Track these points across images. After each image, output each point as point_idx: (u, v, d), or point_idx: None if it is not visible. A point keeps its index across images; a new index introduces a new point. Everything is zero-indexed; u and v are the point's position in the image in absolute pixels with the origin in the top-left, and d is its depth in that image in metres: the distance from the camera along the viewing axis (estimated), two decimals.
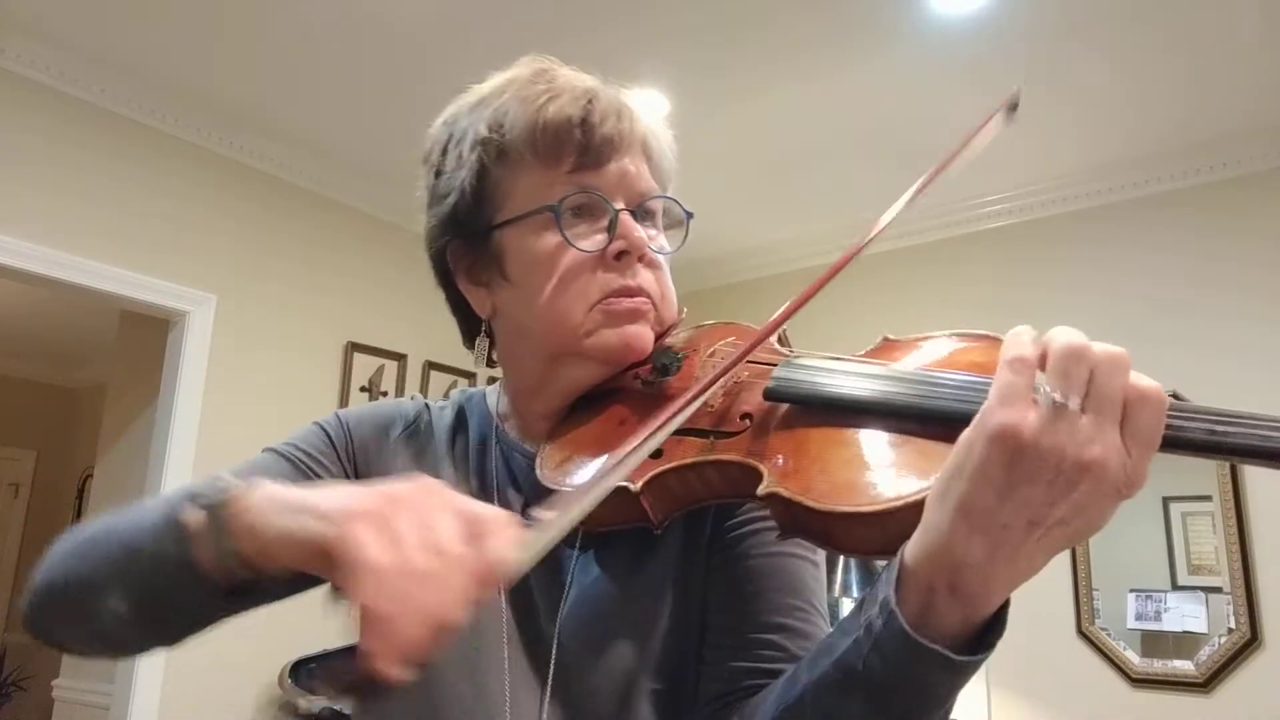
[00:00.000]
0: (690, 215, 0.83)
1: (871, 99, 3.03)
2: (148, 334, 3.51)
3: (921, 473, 0.54)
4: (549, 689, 0.71)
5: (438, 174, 0.81)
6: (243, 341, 3.36)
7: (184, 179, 3.26)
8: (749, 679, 0.69)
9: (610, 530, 0.70)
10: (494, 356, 0.83)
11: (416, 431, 0.84)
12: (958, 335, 0.66)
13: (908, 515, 0.53)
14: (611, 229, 0.76)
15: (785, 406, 0.65)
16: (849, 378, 0.63)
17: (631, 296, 0.75)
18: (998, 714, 3.34)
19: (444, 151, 0.80)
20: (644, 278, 0.77)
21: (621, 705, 0.71)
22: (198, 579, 0.58)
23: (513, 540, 0.50)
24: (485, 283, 0.80)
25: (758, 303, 4.22)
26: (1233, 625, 2.95)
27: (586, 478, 0.68)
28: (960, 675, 0.52)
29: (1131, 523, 3.18)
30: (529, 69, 0.80)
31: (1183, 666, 3.02)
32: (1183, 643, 3.04)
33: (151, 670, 3.02)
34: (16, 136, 2.87)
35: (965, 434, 0.49)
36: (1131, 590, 3.15)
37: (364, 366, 3.74)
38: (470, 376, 4.03)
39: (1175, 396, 2.95)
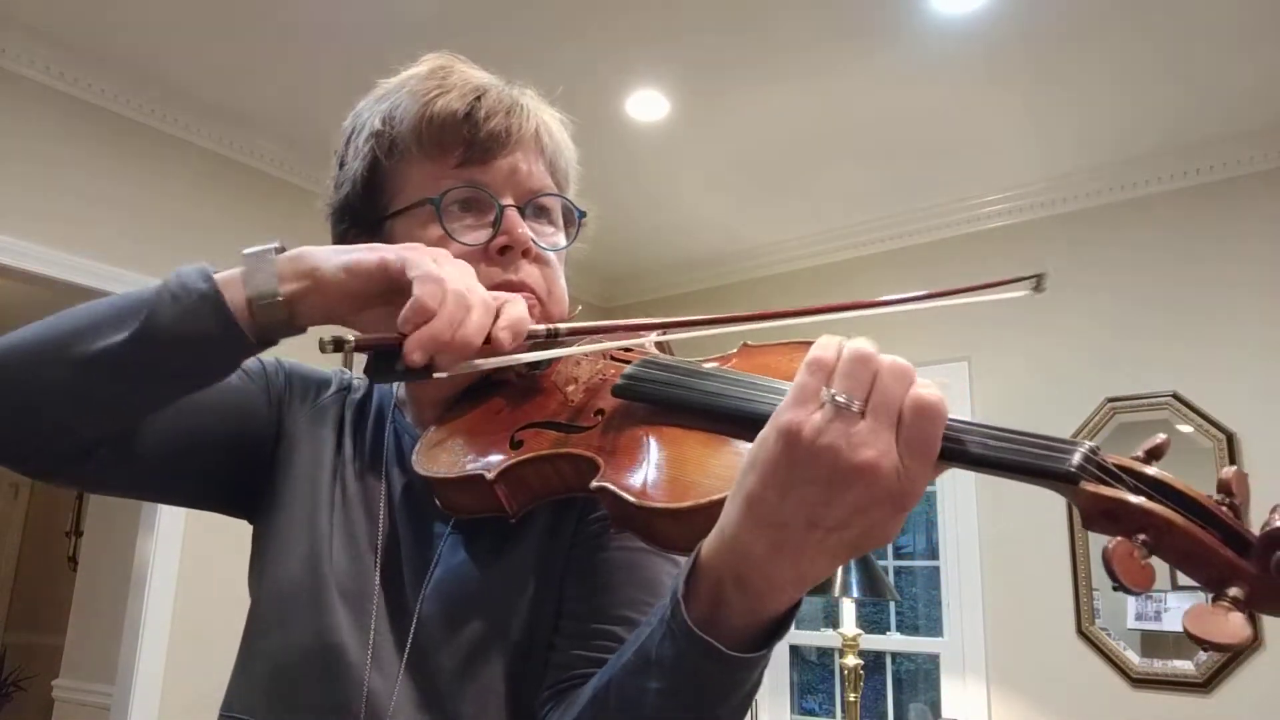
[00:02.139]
0: (583, 215, 0.85)
1: (871, 99, 3.03)
2: None
3: (736, 474, 0.57)
4: (405, 660, 0.73)
5: (340, 164, 0.84)
6: None
7: (184, 178, 3.26)
8: (586, 667, 0.70)
9: (475, 517, 0.72)
10: None
11: (331, 402, 0.88)
12: (805, 344, 0.69)
13: (713, 514, 0.55)
14: (496, 224, 0.77)
15: (634, 404, 0.67)
16: (691, 379, 0.65)
17: (513, 292, 0.76)
18: (998, 714, 3.35)
19: (347, 142, 0.84)
20: (528, 273, 0.78)
21: (473, 684, 0.72)
22: (222, 319, 0.62)
23: (528, 318, 0.64)
24: None
25: (755, 303, 4.22)
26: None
27: (462, 461, 0.72)
28: (737, 670, 0.54)
29: None
30: (429, 65, 0.83)
31: (1183, 666, 3.02)
32: (1183, 643, 3.04)
33: (151, 670, 3.02)
34: (16, 136, 2.87)
35: (761, 431, 0.51)
36: None
37: (363, 363, 3.73)
38: None
39: (1175, 397, 2.93)
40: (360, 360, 0.62)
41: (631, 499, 0.59)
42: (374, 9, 2.67)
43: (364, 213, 0.81)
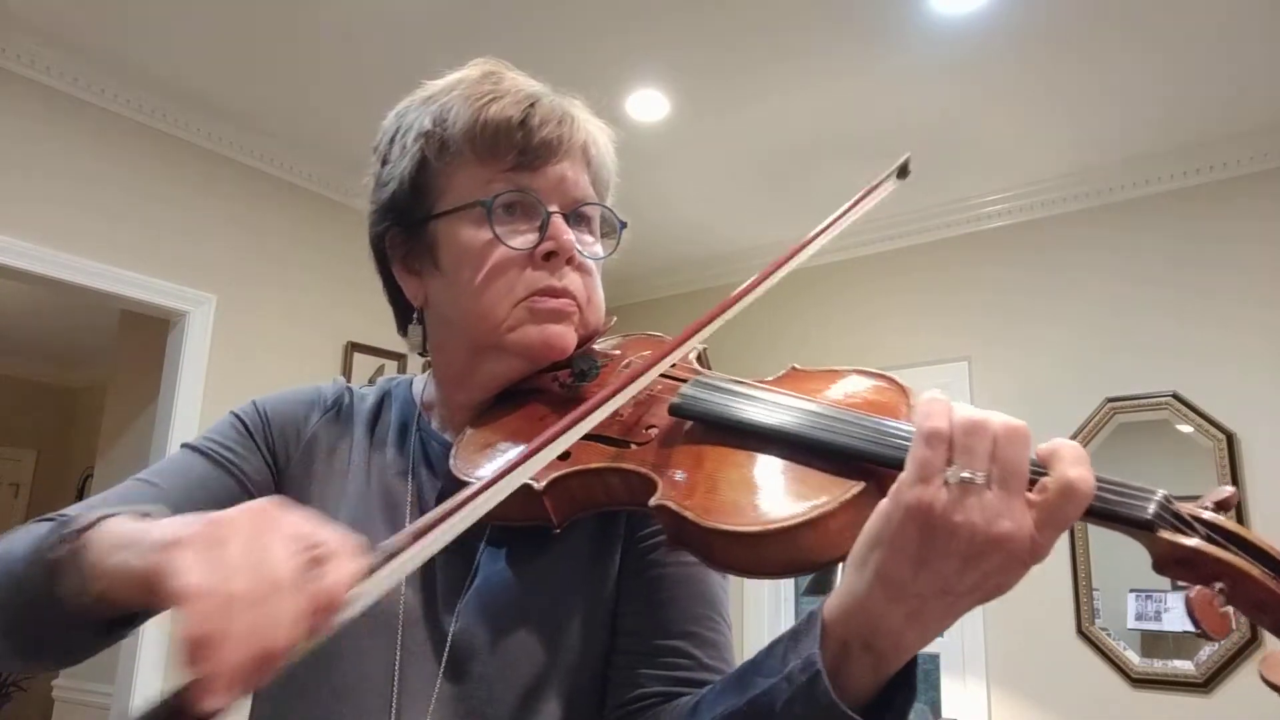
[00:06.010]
0: (624, 225, 0.86)
1: (871, 99, 3.03)
2: (148, 334, 3.51)
3: (802, 501, 0.57)
4: (443, 667, 0.72)
5: (384, 162, 0.84)
6: (243, 341, 3.37)
7: (184, 179, 3.26)
8: (658, 685, 0.70)
9: (516, 526, 0.71)
10: (427, 345, 0.85)
11: (337, 415, 0.85)
12: (860, 373, 0.69)
13: (782, 539, 0.55)
14: (543, 230, 0.77)
15: (689, 423, 0.67)
16: (749, 402, 0.65)
17: (556, 297, 0.77)
18: (998, 714, 3.35)
19: (391, 141, 0.83)
20: (571, 280, 0.79)
21: (521, 694, 0.71)
22: (64, 612, 0.58)
23: (354, 570, 0.47)
24: (419, 271, 0.83)
25: (755, 303, 4.21)
26: (1233, 625, 2.95)
27: (491, 473, 0.69)
28: None
29: None
30: (479, 70, 0.83)
31: (1183, 666, 3.02)
32: (1183, 643, 3.04)
33: (151, 671, 3.03)
34: (16, 137, 2.87)
35: (882, 505, 0.51)
36: (1131, 590, 3.15)
37: (364, 367, 3.74)
38: None
39: (1175, 397, 2.94)
40: None
41: (695, 520, 0.58)
42: (375, 10, 2.67)
43: (409, 212, 0.81)
